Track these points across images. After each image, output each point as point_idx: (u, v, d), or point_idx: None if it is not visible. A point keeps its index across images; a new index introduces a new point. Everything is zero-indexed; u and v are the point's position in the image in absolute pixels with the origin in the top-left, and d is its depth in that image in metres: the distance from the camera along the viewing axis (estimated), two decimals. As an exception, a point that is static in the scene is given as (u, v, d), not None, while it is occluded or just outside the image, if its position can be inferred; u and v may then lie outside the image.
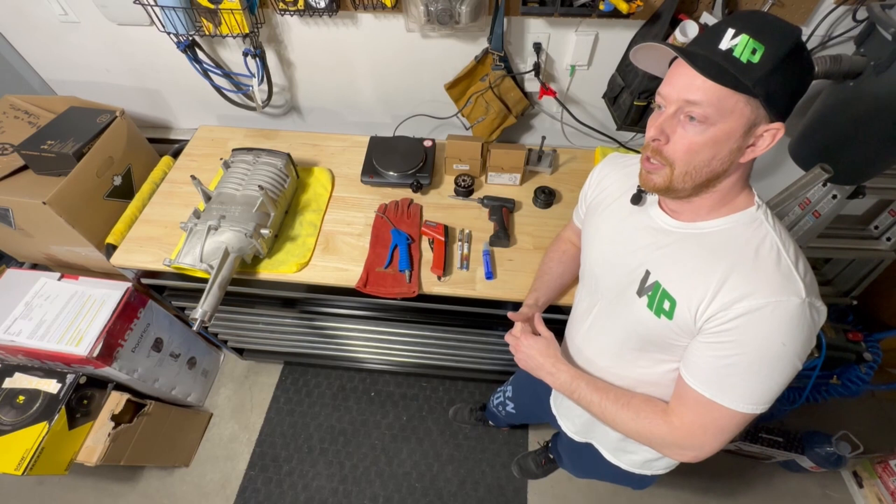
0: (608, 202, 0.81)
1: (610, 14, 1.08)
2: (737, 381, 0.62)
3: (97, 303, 1.36)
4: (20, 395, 1.30)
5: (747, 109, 0.56)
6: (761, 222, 0.64)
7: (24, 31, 1.41)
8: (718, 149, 0.59)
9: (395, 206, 1.32)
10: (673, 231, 0.69)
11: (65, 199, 1.27)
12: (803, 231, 1.37)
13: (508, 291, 1.16)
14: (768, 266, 0.60)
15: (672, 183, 0.62)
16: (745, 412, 0.63)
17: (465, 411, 1.81)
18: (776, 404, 1.53)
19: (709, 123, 0.57)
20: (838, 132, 1.14)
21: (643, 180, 0.66)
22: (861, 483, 1.68)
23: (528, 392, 1.23)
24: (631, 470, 0.94)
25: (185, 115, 1.64)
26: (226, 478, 1.71)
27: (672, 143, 0.61)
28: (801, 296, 0.58)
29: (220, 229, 1.10)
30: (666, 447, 0.72)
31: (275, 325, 1.56)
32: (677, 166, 0.61)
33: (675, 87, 0.59)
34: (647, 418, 0.72)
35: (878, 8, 1.00)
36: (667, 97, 0.60)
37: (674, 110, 0.59)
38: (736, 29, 0.55)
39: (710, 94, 0.56)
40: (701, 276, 0.63)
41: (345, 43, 1.31)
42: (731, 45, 0.55)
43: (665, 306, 0.66)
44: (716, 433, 0.66)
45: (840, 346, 1.40)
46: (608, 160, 0.87)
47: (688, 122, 0.59)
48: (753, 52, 0.54)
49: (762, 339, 0.59)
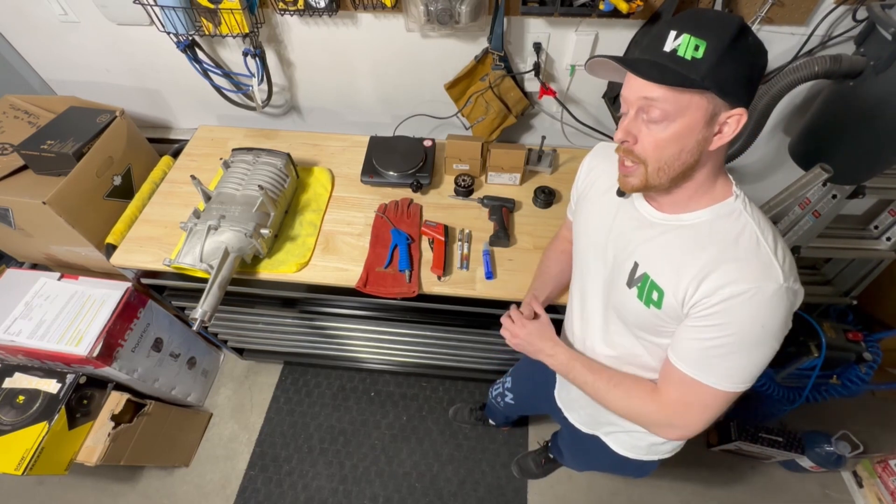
0: (597, 194, 0.83)
1: (610, 14, 1.08)
2: (719, 362, 0.65)
3: (97, 303, 1.36)
4: (20, 395, 1.30)
5: (703, 101, 0.59)
6: (740, 212, 0.66)
7: (24, 31, 1.41)
8: (684, 141, 0.61)
9: (395, 206, 1.32)
10: (658, 223, 0.71)
11: (65, 199, 1.27)
12: (803, 231, 1.37)
13: (508, 291, 1.16)
14: (748, 254, 0.63)
15: (648, 180, 0.65)
16: (727, 390, 0.66)
17: (465, 411, 1.81)
18: (776, 404, 1.54)
19: (669, 119, 0.60)
20: (838, 132, 1.14)
21: (622, 183, 0.70)
22: (861, 483, 1.68)
23: (528, 382, 1.24)
24: (636, 457, 0.96)
25: (184, 114, 1.64)
26: (226, 478, 1.72)
27: (640, 142, 0.64)
28: (780, 281, 0.60)
29: (220, 229, 1.10)
30: (654, 425, 0.76)
31: (275, 325, 1.56)
32: (649, 163, 0.64)
33: (631, 89, 0.62)
34: (637, 397, 0.76)
35: (878, 8, 1.00)
36: (626, 100, 0.63)
37: (635, 112, 0.63)
38: (677, 30, 0.58)
39: (661, 92, 0.58)
40: (686, 267, 0.66)
41: (345, 43, 1.31)
42: (674, 45, 0.58)
43: (654, 297, 0.69)
44: (700, 410, 0.70)
45: (840, 345, 1.39)
46: (596, 151, 0.89)
47: (648, 120, 0.62)
48: (696, 49, 0.56)
49: (743, 322, 0.62)
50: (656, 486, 1.71)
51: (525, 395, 1.32)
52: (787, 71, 1.08)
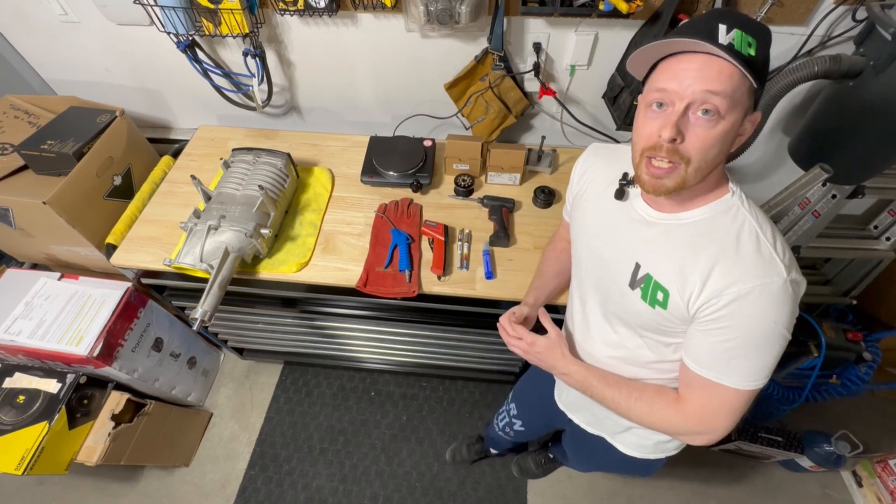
0: (593, 196, 0.82)
1: (610, 14, 1.08)
2: (738, 362, 0.65)
3: (97, 303, 1.36)
4: (20, 395, 1.30)
5: (746, 100, 0.59)
6: (738, 208, 0.66)
7: (24, 31, 1.41)
8: (727, 139, 0.60)
9: (395, 206, 1.32)
10: (657, 223, 0.71)
11: (65, 199, 1.27)
12: (803, 231, 1.37)
13: (508, 291, 1.16)
14: (750, 252, 0.62)
15: (686, 181, 0.62)
16: (750, 389, 0.66)
17: (463, 449, 1.73)
18: (776, 404, 1.54)
19: (719, 116, 0.58)
20: (838, 132, 1.14)
21: (652, 186, 0.64)
22: (861, 483, 1.68)
23: (535, 397, 1.21)
24: (643, 456, 0.95)
25: (185, 114, 1.64)
26: (226, 478, 1.72)
27: (687, 140, 0.60)
28: (783, 275, 0.61)
29: (220, 229, 1.10)
30: (681, 434, 0.75)
31: (275, 325, 1.56)
32: (693, 162, 0.61)
33: (683, 81, 0.57)
34: (661, 409, 0.74)
35: (878, 8, 1.00)
36: (676, 93, 0.58)
37: (684, 106, 0.58)
38: (727, 24, 0.56)
39: (730, 83, 0.56)
40: (689, 266, 0.65)
41: (345, 43, 1.31)
42: (730, 39, 0.56)
43: (659, 297, 0.69)
44: (727, 414, 0.69)
45: (840, 345, 1.39)
46: (590, 151, 0.88)
47: (700, 116, 0.58)
48: (749, 45, 0.56)
49: (754, 320, 0.62)
50: (656, 486, 1.70)
51: (534, 417, 1.27)
52: (787, 71, 1.08)
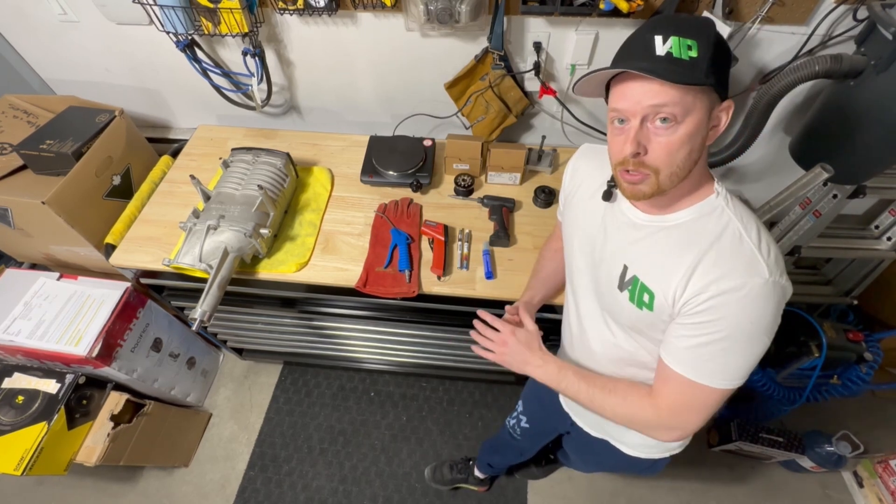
0: (584, 197, 0.83)
1: (610, 13, 1.08)
2: (712, 360, 0.65)
3: (96, 303, 1.35)
4: (19, 395, 1.30)
5: (705, 98, 0.60)
6: (722, 209, 0.67)
7: (23, 31, 1.41)
8: (693, 141, 0.61)
9: (394, 206, 1.32)
10: (644, 225, 0.71)
11: (64, 199, 1.27)
12: (804, 231, 1.37)
13: (508, 291, 1.16)
14: (732, 252, 0.63)
15: (660, 186, 0.64)
16: (724, 388, 0.67)
17: (445, 469, 1.68)
18: (777, 404, 1.54)
19: (677, 122, 0.60)
20: (838, 132, 1.14)
21: (630, 192, 0.67)
22: (861, 483, 1.68)
23: (536, 399, 1.21)
24: (646, 456, 0.95)
25: (184, 114, 1.64)
26: (225, 478, 1.71)
27: (651, 151, 0.62)
28: (765, 276, 0.61)
29: (220, 229, 1.10)
30: (652, 429, 0.74)
31: (274, 325, 1.56)
32: (662, 170, 0.63)
33: (631, 99, 0.60)
34: (633, 403, 0.75)
35: (879, 7, 1.00)
36: (628, 111, 0.61)
37: (640, 121, 0.61)
38: (662, 35, 0.58)
39: (677, 92, 0.58)
40: (673, 268, 0.66)
41: (344, 42, 1.31)
42: (667, 49, 0.58)
43: (645, 299, 0.70)
44: (699, 411, 0.70)
45: (840, 345, 1.39)
46: (581, 152, 0.88)
47: (658, 125, 0.60)
48: (689, 48, 0.57)
49: (733, 318, 0.62)
50: (656, 486, 1.70)
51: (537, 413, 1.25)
52: (788, 70, 1.08)
